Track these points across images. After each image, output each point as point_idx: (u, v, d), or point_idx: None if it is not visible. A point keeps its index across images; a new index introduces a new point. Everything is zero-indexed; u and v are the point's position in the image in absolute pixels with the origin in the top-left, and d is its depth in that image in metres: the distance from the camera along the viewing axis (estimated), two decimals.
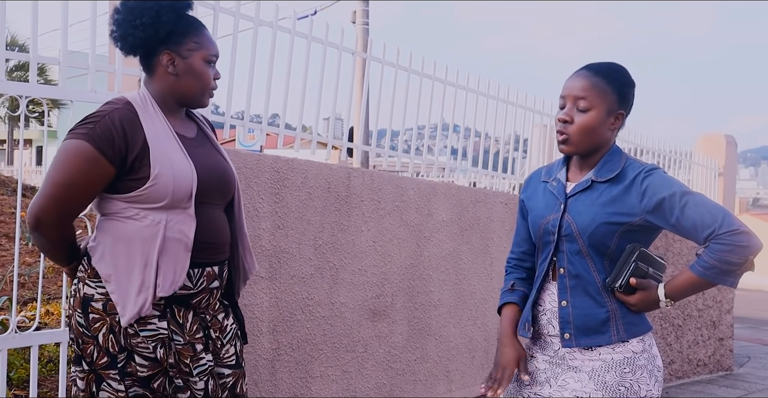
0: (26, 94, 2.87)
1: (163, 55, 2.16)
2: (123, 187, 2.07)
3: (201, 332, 2.17)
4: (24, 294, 5.03)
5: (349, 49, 4.20)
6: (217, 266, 2.22)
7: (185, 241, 2.09)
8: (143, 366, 2.07)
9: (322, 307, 3.77)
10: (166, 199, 2.05)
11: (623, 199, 2.09)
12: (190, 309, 2.16)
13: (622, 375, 2.09)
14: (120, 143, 2.03)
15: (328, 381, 3.81)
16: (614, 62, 2.22)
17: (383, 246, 4.11)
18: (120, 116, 2.05)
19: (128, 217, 2.08)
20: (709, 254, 1.99)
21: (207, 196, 2.17)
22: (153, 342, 2.08)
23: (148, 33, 2.12)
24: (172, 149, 2.10)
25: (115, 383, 2.07)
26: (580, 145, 2.15)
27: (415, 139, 4.71)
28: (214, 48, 2.22)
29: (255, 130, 3.88)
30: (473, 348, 4.77)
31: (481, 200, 4.80)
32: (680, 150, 7.15)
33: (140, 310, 2.05)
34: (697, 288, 2.09)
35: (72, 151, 2.03)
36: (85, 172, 2.02)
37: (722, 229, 1.97)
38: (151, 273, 2.05)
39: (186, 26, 2.18)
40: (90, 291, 2.09)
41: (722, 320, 7.37)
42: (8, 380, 3.64)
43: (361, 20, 13.43)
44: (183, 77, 2.17)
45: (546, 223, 2.21)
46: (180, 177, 2.07)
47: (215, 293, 2.24)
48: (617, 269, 2.08)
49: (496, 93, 5.20)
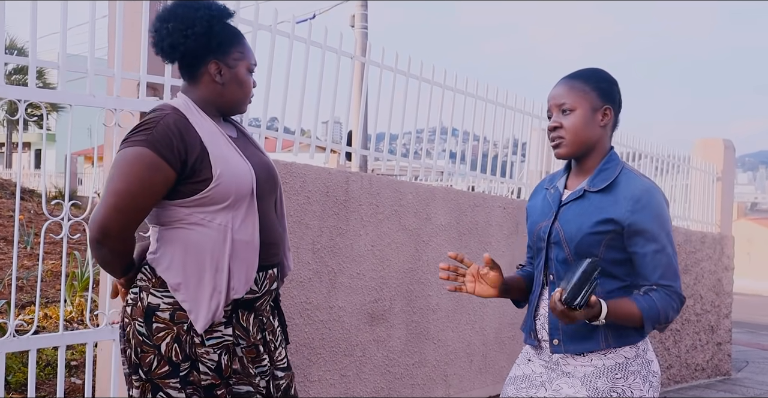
0: (25, 98, 2.86)
1: (210, 65, 2.18)
2: (186, 190, 2.06)
3: (260, 334, 2.20)
4: (22, 298, 5.03)
5: (347, 53, 4.21)
6: (275, 268, 2.25)
7: (253, 242, 2.11)
8: (206, 375, 2.07)
9: (321, 311, 3.77)
10: (230, 198, 2.06)
11: (612, 209, 2.10)
12: (252, 312, 2.18)
13: (613, 381, 2.09)
14: (179, 146, 2.03)
15: (326, 385, 3.81)
16: (591, 67, 2.28)
17: (382, 250, 4.11)
18: (174, 120, 2.05)
19: (194, 223, 2.07)
20: (659, 300, 2.06)
21: (262, 193, 2.19)
22: (218, 349, 2.09)
23: (200, 42, 2.13)
24: (227, 149, 2.12)
25: (174, 392, 2.06)
26: (572, 146, 2.17)
27: (414, 142, 4.71)
28: (254, 58, 2.28)
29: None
30: (471, 352, 4.77)
31: (479, 204, 4.81)
32: (678, 154, 7.16)
33: (214, 315, 2.06)
34: (626, 320, 2.06)
35: (132, 158, 2.01)
36: (148, 179, 2.01)
37: (677, 290, 2.09)
38: (223, 278, 2.06)
39: (231, 36, 2.22)
40: (155, 301, 2.08)
41: (720, 324, 7.38)
42: (6, 383, 3.64)
43: (359, 24, 13.44)
44: (229, 86, 2.21)
45: (538, 230, 2.26)
46: (240, 175, 2.09)
47: (273, 295, 2.27)
48: (576, 286, 1.95)
49: (495, 97, 5.21)
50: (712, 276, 7.17)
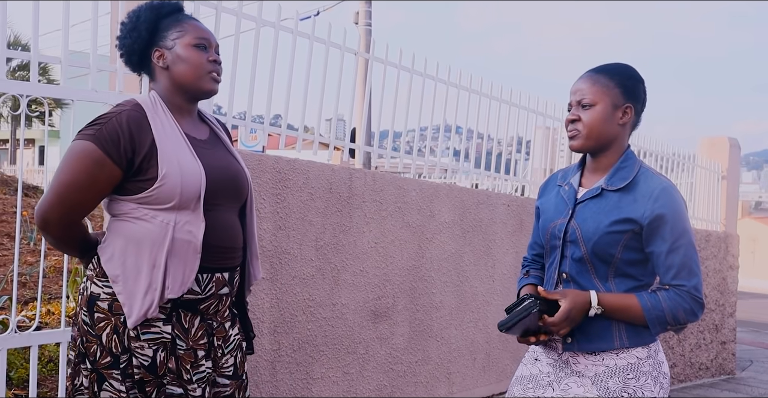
0: (27, 93, 2.86)
1: (154, 54, 2.19)
2: (132, 188, 2.07)
3: (205, 338, 2.16)
4: (26, 294, 5.02)
5: (351, 49, 4.19)
6: (227, 272, 2.21)
7: (194, 243, 2.08)
8: (138, 369, 2.06)
9: (324, 308, 3.75)
10: (174, 199, 2.05)
11: (630, 209, 2.08)
12: (198, 315, 2.15)
13: (625, 381, 2.07)
14: (126, 145, 2.03)
15: (328, 383, 3.80)
16: (619, 62, 2.22)
17: (385, 247, 4.10)
18: (128, 118, 2.06)
19: (138, 218, 2.07)
20: (666, 299, 2.04)
21: (218, 197, 2.16)
22: (154, 345, 2.07)
23: (133, 37, 2.18)
24: (180, 150, 2.10)
25: (116, 383, 2.06)
26: (587, 139, 2.14)
27: (417, 140, 4.68)
28: (199, 32, 2.21)
29: (257, 130, 3.87)
30: (475, 350, 4.76)
31: (483, 201, 4.79)
32: (683, 152, 7.13)
33: (147, 312, 2.04)
34: (627, 316, 2.07)
35: (78, 151, 2.04)
36: (91, 173, 2.03)
37: (691, 290, 2.05)
38: (159, 275, 2.04)
39: (168, 22, 2.21)
40: (97, 290, 2.09)
41: (725, 323, 7.36)
42: (8, 380, 3.63)
43: (363, 21, 13.41)
44: (174, 66, 2.18)
45: (553, 228, 2.22)
46: (188, 177, 2.07)
47: (224, 300, 2.22)
48: (515, 314, 2.06)
49: (499, 94, 5.19)
50: (716, 275, 7.14)
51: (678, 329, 2.10)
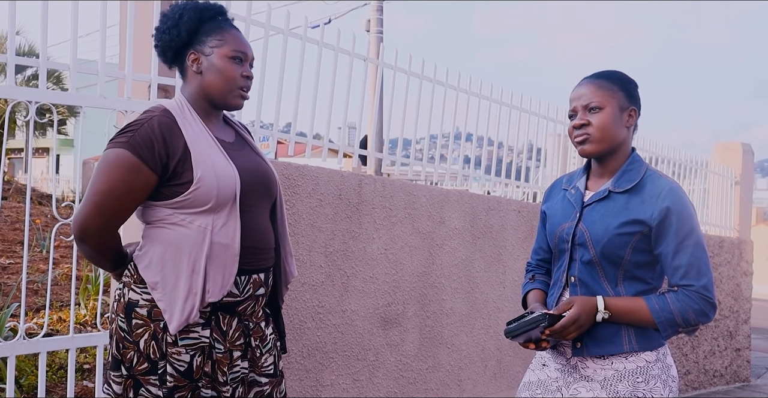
0: (36, 100, 2.87)
1: (189, 56, 2.20)
2: (167, 193, 2.08)
3: (242, 339, 2.18)
4: (37, 301, 5.04)
5: (360, 55, 4.19)
6: (263, 273, 2.22)
7: (233, 246, 2.09)
8: (172, 376, 2.06)
9: (333, 315, 3.74)
10: (210, 201, 2.06)
11: (638, 210, 2.08)
12: (235, 317, 2.16)
13: (635, 384, 2.07)
14: (160, 150, 2.04)
15: (338, 390, 3.78)
16: (611, 69, 2.26)
17: (395, 253, 4.08)
18: (159, 123, 2.06)
19: (175, 223, 2.08)
20: (675, 301, 2.03)
21: (251, 198, 2.18)
22: (192, 350, 2.07)
23: (173, 34, 2.17)
24: (213, 152, 2.11)
25: (154, 388, 2.06)
26: (600, 143, 2.15)
27: (428, 148, 4.67)
28: (238, 44, 2.21)
29: (268, 137, 3.87)
30: (486, 357, 4.73)
31: (494, 208, 4.77)
32: (696, 158, 7.09)
33: (188, 317, 2.05)
34: (636, 319, 2.06)
35: (113, 159, 2.04)
36: (127, 181, 2.03)
37: (700, 290, 2.03)
38: (199, 280, 2.05)
39: (211, 27, 2.21)
40: (135, 296, 2.09)
41: (739, 330, 7.29)
42: (19, 386, 3.64)
43: (375, 29, 13.46)
44: (207, 74, 2.18)
45: (561, 231, 2.22)
46: (223, 179, 2.08)
47: (260, 300, 2.24)
48: (524, 324, 2.09)
49: (510, 100, 5.17)
50: (730, 281, 7.09)
51: (690, 331, 2.09)
